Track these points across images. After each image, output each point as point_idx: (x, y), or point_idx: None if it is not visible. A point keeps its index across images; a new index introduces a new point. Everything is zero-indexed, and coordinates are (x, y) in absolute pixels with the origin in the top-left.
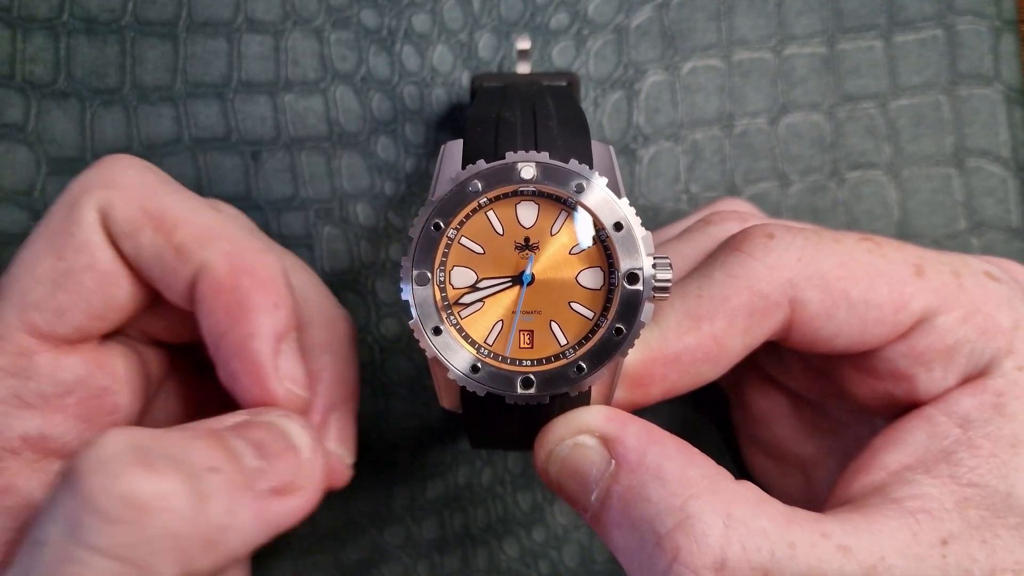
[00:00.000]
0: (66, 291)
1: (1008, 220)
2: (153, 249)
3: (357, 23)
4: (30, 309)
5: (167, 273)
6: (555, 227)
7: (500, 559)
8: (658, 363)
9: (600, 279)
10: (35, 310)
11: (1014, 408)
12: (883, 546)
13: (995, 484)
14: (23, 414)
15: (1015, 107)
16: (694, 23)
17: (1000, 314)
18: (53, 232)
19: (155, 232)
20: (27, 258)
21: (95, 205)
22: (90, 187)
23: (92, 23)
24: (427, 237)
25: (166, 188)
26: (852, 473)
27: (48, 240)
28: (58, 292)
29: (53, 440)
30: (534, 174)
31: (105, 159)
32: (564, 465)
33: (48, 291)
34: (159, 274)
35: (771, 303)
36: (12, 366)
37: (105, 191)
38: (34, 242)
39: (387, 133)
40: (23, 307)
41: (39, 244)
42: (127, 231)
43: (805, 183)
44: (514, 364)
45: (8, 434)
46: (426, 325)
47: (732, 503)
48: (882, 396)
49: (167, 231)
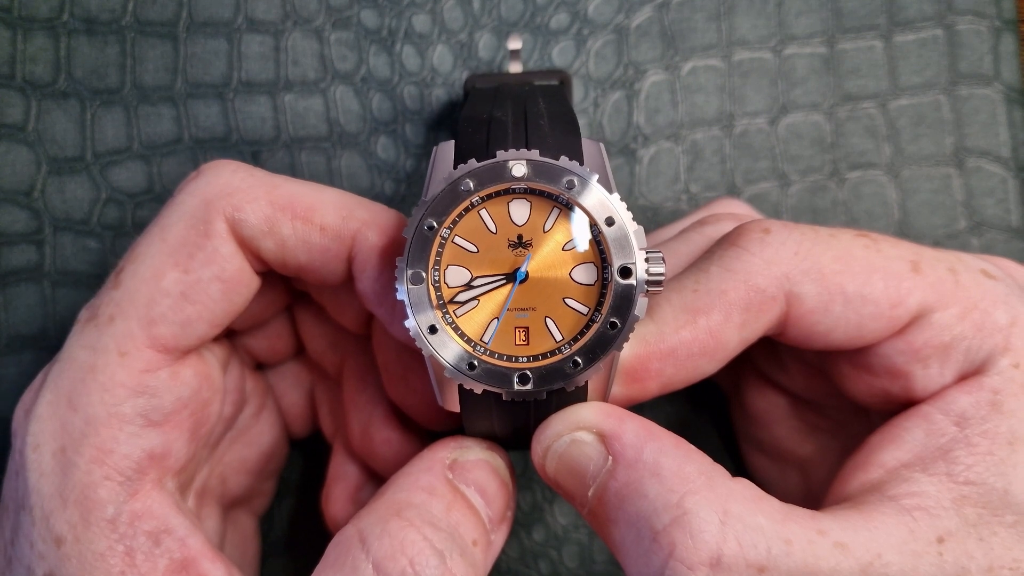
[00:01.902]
0: (194, 303)
1: (1008, 220)
2: (298, 237)
3: (357, 23)
4: (157, 323)
5: (319, 254)
6: (548, 224)
7: (500, 559)
8: (654, 358)
9: (593, 274)
10: (162, 323)
11: (1011, 405)
12: (880, 543)
13: (992, 482)
14: (149, 433)
15: (1015, 107)
16: (694, 23)
17: (997, 311)
18: (175, 244)
19: (294, 221)
20: (147, 273)
21: (222, 213)
22: (211, 197)
23: (92, 23)
24: (421, 237)
25: (279, 180)
26: (849, 471)
27: (170, 252)
28: (186, 305)
29: (172, 458)
30: (525, 172)
31: (208, 167)
32: (561, 461)
33: (176, 304)
34: (308, 258)
35: (767, 297)
36: (138, 384)
37: (229, 198)
38: (152, 255)
39: (387, 133)
40: (149, 321)
41: (159, 256)
42: (265, 230)
43: (805, 183)
44: (510, 361)
45: (138, 455)
46: (422, 324)
47: (729, 500)
48: (879, 393)
49: (306, 217)
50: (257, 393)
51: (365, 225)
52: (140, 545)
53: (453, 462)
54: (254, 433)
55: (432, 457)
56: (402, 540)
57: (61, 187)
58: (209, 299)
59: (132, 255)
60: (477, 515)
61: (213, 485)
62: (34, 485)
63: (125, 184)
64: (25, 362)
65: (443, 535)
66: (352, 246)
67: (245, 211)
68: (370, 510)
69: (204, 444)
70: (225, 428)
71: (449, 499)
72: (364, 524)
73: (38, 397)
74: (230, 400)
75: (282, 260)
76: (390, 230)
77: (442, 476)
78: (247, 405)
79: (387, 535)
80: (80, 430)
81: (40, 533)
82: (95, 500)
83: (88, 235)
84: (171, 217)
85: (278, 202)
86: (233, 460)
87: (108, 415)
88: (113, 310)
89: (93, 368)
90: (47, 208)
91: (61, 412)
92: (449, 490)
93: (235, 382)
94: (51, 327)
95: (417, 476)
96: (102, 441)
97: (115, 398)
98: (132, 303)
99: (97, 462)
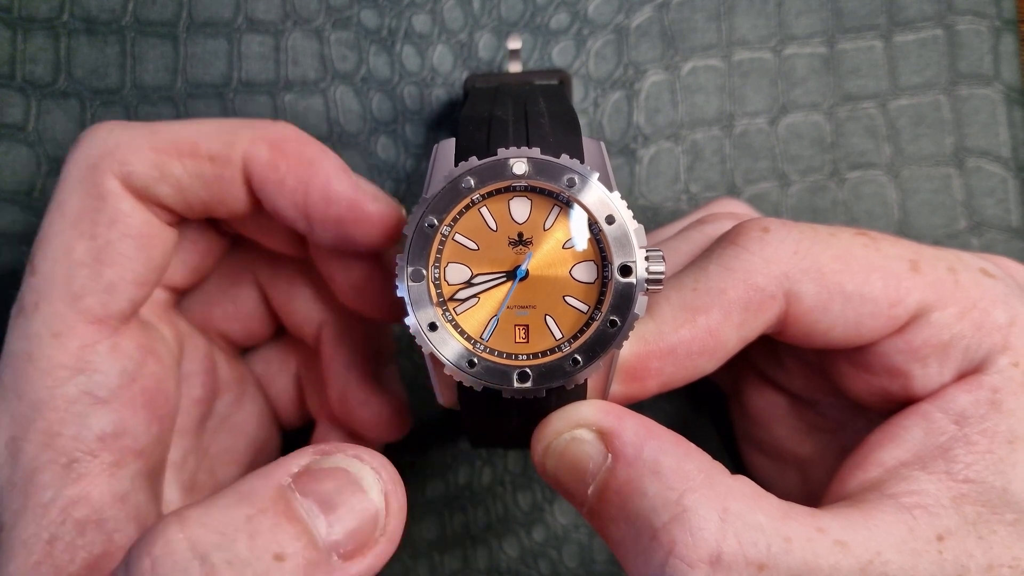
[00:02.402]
0: (111, 265)
1: (1008, 220)
2: (191, 175)
3: (357, 23)
4: (81, 296)
5: (217, 185)
6: (548, 222)
7: (500, 559)
8: (654, 356)
9: (594, 273)
10: (87, 295)
11: (1010, 404)
12: (879, 541)
13: (991, 480)
14: (97, 411)
15: (1015, 107)
16: (694, 23)
17: (996, 310)
18: (75, 216)
19: (182, 159)
20: (55, 250)
21: (110, 172)
22: (95, 160)
23: (92, 23)
24: (421, 234)
25: (158, 125)
26: (849, 469)
27: (72, 225)
28: (103, 269)
29: (128, 437)
30: (526, 170)
31: (85, 134)
32: (561, 459)
33: (93, 272)
34: (209, 193)
35: (766, 296)
36: (78, 362)
37: (111, 155)
38: (56, 233)
39: (387, 133)
40: (73, 297)
41: (64, 232)
42: (157, 175)
43: (805, 183)
44: (510, 358)
45: (86, 435)
46: (422, 321)
47: (728, 497)
48: (878, 392)
49: (191, 152)
50: (236, 379)
51: (252, 143)
52: (63, 534)
53: (304, 469)
54: (238, 421)
55: (283, 462)
56: (166, 541)
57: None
58: (125, 258)
59: (39, 240)
60: (300, 529)
61: (203, 479)
62: None
63: None
64: None
65: (220, 540)
66: (245, 167)
67: (131, 163)
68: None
69: (172, 428)
70: (200, 414)
71: (260, 507)
72: (157, 525)
73: None
74: (198, 383)
75: (184, 202)
76: (280, 142)
77: (272, 482)
78: (226, 392)
79: (157, 534)
80: (27, 416)
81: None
82: (37, 484)
83: None
84: (64, 191)
85: (161, 146)
86: (220, 451)
87: (52, 397)
88: (35, 297)
89: (30, 355)
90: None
91: (9, 404)
92: (269, 497)
93: (202, 363)
94: None
95: (249, 480)
96: (48, 424)
97: (56, 380)
98: (51, 284)
99: (44, 446)
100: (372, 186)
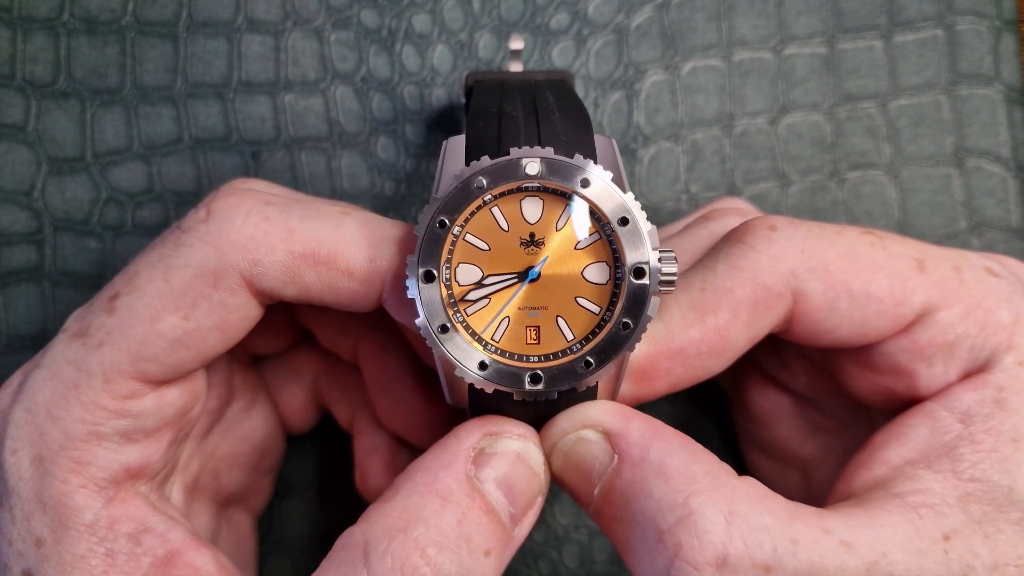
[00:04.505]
0: (189, 348)
1: (1008, 220)
2: (322, 283)
3: (357, 23)
4: (147, 361)
5: (346, 295)
6: (560, 222)
7: None
8: (663, 357)
9: (606, 274)
10: (153, 363)
11: (1015, 403)
12: (885, 541)
13: (997, 479)
14: (127, 449)
15: (1015, 107)
16: (694, 23)
17: (1000, 309)
18: (180, 291)
19: (317, 268)
20: (144, 312)
21: (237, 270)
22: (225, 250)
23: (92, 23)
24: (432, 234)
25: (296, 219)
26: (854, 468)
27: (172, 298)
28: (180, 350)
29: (149, 468)
30: (539, 170)
31: (219, 208)
32: (567, 459)
33: (170, 348)
34: (336, 299)
35: (774, 294)
36: (120, 408)
37: (244, 252)
38: (152, 292)
39: (387, 133)
40: (139, 358)
41: (160, 300)
42: (286, 280)
43: (805, 183)
44: (521, 360)
45: (114, 467)
46: (433, 323)
47: (734, 499)
48: (882, 391)
49: (329, 263)
50: (248, 387)
51: (394, 261)
52: (121, 547)
53: (479, 453)
54: (246, 427)
55: (456, 449)
56: (403, 564)
57: (61, 187)
58: (206, 345)
59: (130, 284)
60: (496, 520)
61: (206, 481)
62: (13, 487)
63: (125, 184)
64: (25, 362)
65: (450, 555)
66: (383, 283)
67: (263, 265)
68: (380, 514)
69: (184, 441)
70: (211, 421)
71: (465, 507)
72: (371, 533)
73: (15, 401)
74: (214, 394)
75: (303, 298)
76: None
77: (462, 475)
78: (237, 399)
79: (389, 555)
80: (58, 442)
81: (20, 533)
82: (72, 507)
83: (88, 235)
84: (178, 259)
85: (297, 250)
86: (225, 455)
87: (88, 433)
88: (103, 337)
89: (77, 387)
90: (47, 208)
91: (40, 421)
92: (466, 494)
93: (220, 376)
94: (51, 327)
95: (436, 474)
96: (79, 455)
97: (96, 418)
98: (124, 336)
99: (74, 472)
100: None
